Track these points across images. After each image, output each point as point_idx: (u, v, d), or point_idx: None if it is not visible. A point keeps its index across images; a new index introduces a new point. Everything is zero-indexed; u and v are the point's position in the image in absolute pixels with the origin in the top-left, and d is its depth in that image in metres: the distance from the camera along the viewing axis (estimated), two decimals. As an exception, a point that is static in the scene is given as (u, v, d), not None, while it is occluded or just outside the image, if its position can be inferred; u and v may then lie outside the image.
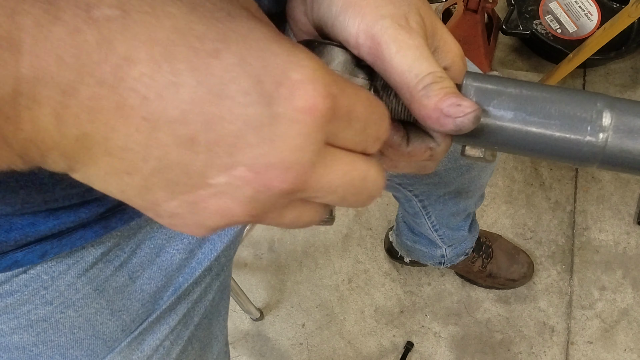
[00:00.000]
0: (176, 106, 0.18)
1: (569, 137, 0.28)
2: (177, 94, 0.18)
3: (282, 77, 0.19)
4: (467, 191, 0.86)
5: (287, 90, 0.20)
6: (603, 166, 0.28)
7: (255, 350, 1.29)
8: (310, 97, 0.20)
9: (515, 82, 0.29)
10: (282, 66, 0.20)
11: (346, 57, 0.31)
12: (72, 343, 0.46)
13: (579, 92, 0.28)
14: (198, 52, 0.19)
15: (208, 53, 0.19)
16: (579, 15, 1.45)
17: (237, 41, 0.19)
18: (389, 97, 0.31)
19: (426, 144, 0.32)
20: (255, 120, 0.19)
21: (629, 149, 0.27)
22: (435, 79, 0.27)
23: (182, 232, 0.22)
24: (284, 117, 0.19)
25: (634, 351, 1.27)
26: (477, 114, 0.27)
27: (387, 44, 0.28)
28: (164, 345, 0.50)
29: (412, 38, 0.28)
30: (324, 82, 0.20)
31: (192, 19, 0.19)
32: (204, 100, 0.19)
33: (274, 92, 0.19)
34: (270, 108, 0.19)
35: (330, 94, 0.20)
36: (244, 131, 0.19)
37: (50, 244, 0.39)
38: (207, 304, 0.54)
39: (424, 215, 0.97)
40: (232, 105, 0.19)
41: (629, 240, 1.35)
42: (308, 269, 1.34)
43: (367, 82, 0.31)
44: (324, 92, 0.20)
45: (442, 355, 1.28)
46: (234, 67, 0.19)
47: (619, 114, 0.27)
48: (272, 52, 0.20)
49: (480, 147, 0.30)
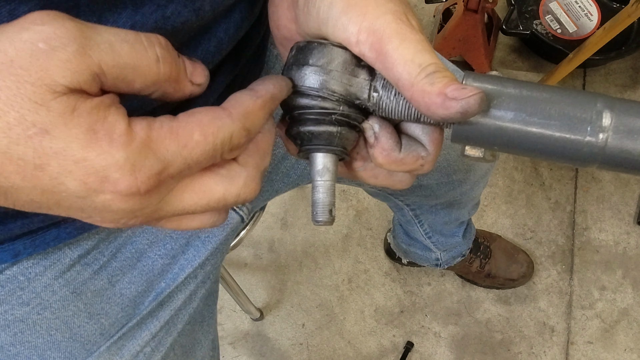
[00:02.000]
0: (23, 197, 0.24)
1: (569, 138, 0.27)
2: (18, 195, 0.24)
3: (104, 176, 0.23)
4: (459, 202, 0.86)
5: (110, 184, 0.23)
6: (603, 167, 0.28)
7: (255, 350, 1.29)
8: (132, 187, 0.24)
9: (515, 82, 0.29)
10: (102, 169, 0.23)
11: (346, 57, 0.31)
12: (50, 345, 0.45)
13: (579, 93, 0.28)
14: (25, 172, 0.23)
15: (34, 168, 0.23)
16: (579, 15, 1.45)
17: (56, 158, 0.22)
18: (389, 97, 0.31)
19: (418, 153, 0.32)
20: (86, 208, 0.24)
21: (628, 149, 0.27)
22: (438, 69, 0.28)
23: None
24: (110, 201, 0.24)
25: (634, 351, 1.27)
26: (482, 96, 0.27)
27: (390, 38, 0.28)
28: (144, 352, 0.50)
29: (413, 33, 0.29)
30: (142, 170, 0.24)
31: (11, 147, 0.22)
32: (45, 192, 0.23)
33: (99, 187, 0.23)
34: (97, 197, 0.24)
35: (153, 176, 0.24)
36: (77, 212, 0.25)
37: (23, 243, 0.39)
38: (191, 311, 0.53)
39: (416, 223, 0.96)
40: (66, 197, 0.24)
41: (629, 240, 1.35)
42: (308, 269, 1.34)
43: (367, 82, 0.31)
44: (144, 178, 0.24)
45: (442, 355, 1.28)
46: (59, 176, 0.23)
47: (619, 114, 0.27)
48: (90, 160, 0.23)
49: (480, 147, 0.30)
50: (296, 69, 0.31)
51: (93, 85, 0.23)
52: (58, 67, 0.22)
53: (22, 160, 0.22)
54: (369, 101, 0.32)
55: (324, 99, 0.31)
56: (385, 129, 0.32)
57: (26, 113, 0.22)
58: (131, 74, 0.24)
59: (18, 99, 0.21)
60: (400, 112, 0.32)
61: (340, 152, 0.33)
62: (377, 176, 0.34)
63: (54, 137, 0.22)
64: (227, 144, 0.26)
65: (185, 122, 0.25)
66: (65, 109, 0.22)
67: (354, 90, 0.31)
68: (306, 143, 0.33)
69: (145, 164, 0.23)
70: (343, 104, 0.31)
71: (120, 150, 0.23)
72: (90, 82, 0.23)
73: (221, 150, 0.26)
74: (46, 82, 0.22)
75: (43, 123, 0.22)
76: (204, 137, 0.25)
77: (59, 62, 0.22)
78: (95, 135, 0.23)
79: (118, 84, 0.24)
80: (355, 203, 1.39)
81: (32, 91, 0.22)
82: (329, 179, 0.32)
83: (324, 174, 0.32)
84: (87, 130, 0.22)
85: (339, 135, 0.32)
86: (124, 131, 0.23)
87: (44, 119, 0.22)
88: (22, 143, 0.22)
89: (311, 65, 0.31)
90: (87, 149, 0.22)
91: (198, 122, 0.25)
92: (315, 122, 0.32)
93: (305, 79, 0.31)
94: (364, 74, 0.31)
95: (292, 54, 0.32)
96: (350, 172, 0.35)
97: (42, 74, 0.22)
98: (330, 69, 0.31)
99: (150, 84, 0.25)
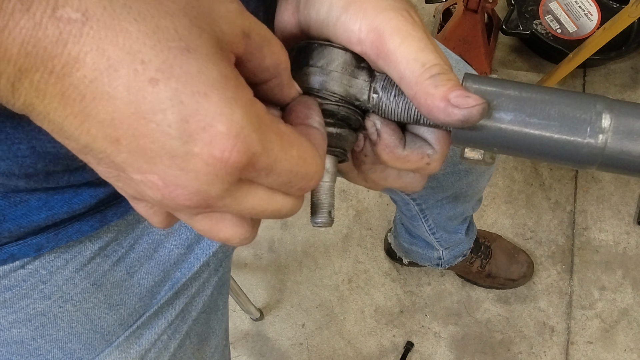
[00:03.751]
0: (107, 112, 0.21)
1: (568, 139, 0.27)
2: (109, 103, 0.21)
3: (207, 124, 0.21)
4: (464, 195, 0.86)
5: (208, 136, 0.21)
6: (602, 168, 0.28)
7: (255, 350, 1.29)
8: (226, 150, 0.22)
9: (514, 84, 0.29)
10: (212, 115, 0.21)
11: (346, 58, 0.31)
12: (71, 337, 0.46)
13: (578, 94, 0.28)
14: (137, 75, 0.21)
15: (146, 79, 0.21)
16: (579, 15, 1.45)
17: (178, 77, 0.21)
18: (389, 98, 0.31)
19: (423, 151, 0.32)
20: (171, 150, 0.21)
21: (628, 150, 0.27)
22: (443, 70, 0.28)
23: None
24: (198, 156, 0.22)
25: (634, 351, 1.27)
26: (485, 107, 0.27)
27: (391, 35, 0.28)
28: (161, 340, 0.51)
29: (415, 30, 0.28)
30: (246, 140, 0.22)
31: (145, 42, 0.21)
32: (131, 117, 0.21)
33: (195, 134, 0.21)
34: (186, 145, 0.21)
35: (248, 152, 0.22)
36: (161, 153, 0.22)
37: (46, 237, 0.39)
38: (205, 299, 0.54)
39: (421, 218, 0.97)
40: (154, 130, 0.21)
41: (629, 240, 1.35)
42: (308, 269, 1.34)
43: (367, 83, 0.31)
44: (242, 149, 0.22)
45: (442, 355, 1.28)
46: (165, 100, 0.21)
47: (618, 115, 0.27)
48: (209, 99, 0.21)
49: (480, 149, 0.30)
50: (296, 69, 0.31)
51: (240, 44, 0.24)
52: (221, 13, 0.23)
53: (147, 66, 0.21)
54: (369, 102, 0.32)
55: (324, 100, 0.31)
56: (387, 126, 0.32)
57: (179, 27, 0.21)
58: (267, 47, 0.25)
59: (178, 19, 0.21)
60: (400, 114, 0.31)
61: (340, 154, 0.32)
62: (386, 178, 0.34)
63: (192, 59, 0.21)
64: (302, 179, 0.25)
65: (292, 134, 0.25)
66: (215, 46, 0.22)
67: (353, 92, 0.31)
68: None
69: (250, 138, 0.22)
70: (343, 104, 0.31)
71: (241, 108, 0.22)
72: (239, 39, 0.24)
73: (295, 182, 0.25)
74: (207, 21, 0.22)
75: (190, 41, 0.21)
76: (297, 159, 0.25)
77: (224, 10, 0.23)
78: (226, 82, 0.22)
79: (255, 53, 0.25)
80: (355, 203, 1.39)
81: (194, 19, 0.22)
82: (328, 180, 0.32)
83: (323, 175, 0.33)
84: (222, 74, 0.22)
85: (339, 136, 0.32)
86: (251, 95, 0.23)
87: (194, 40, 0.22)
88: (158, 49, 0.21)
89: (311, 66, 0.31)
90: (212, 88, 0.21)
91: (300, 143, 0.25)
92: None
93: (305, 79, 0.31)
94: (364, 75, 0.31)
95: (293, 55, 0.32)
96: (361, 175, 0.35)
97: (207, 14, 0.22)
98: (330, 70, 0.31)
99: (276, 65, 0.26)
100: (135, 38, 0.21)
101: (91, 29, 0.20)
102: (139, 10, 0.21)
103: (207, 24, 0.22)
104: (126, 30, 0.20)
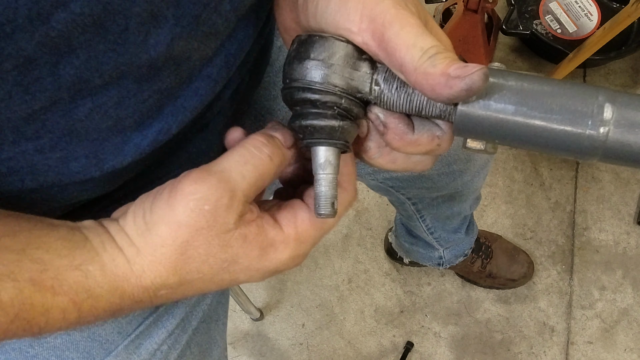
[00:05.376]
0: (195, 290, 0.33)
1: (570, 131, 0.28)
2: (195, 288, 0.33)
3: (275, 270, 0.34)
4: (460, 195, 0.86)
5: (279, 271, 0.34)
6: (604, 160, 0.28)
7: (255, 350, 1.29)
8: (293, 267, 0.35)
9: (517, 75, 0.29)
10: (275, 268, 0.34)
11: (347, 50, 0.31)
12: (68, 344, 0.46)
13: (581, 86, 0.28)
14: (222, 286, 0.33)
15: (229, 282, 0.33)
16: (579, 15, 1.45)
17: (243, 272, 0.33)
18: (390, 90, 0.32)
19: (433, 132, 0.32)
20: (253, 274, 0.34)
21: (629, 142, 0.27)
22: (440, 50, 0.28)
23: None
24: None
25: (634, 351, 1.27)
26: (485, 71, 0.27)
27: (390, 24, 0.29)
28: (161, 350, 0.50)
29: (412, 17, 0.29)
30: (298, 258, 0.34)
31: (215, 276, 0.32)
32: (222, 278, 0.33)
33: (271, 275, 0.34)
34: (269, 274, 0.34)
35: (303, 258, 0.35)
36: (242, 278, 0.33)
37: None
38: (205, 307, 0.54)
39: (418, 218, 0.96)
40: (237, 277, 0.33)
41: (629, 240, 1.35)
42: (308, 269, 1.34)
43: (368, 75, 0.32)
44: (299, 261, 0.34)
45: (442, 355, 1.27)
46: (245, 279, 0.33)
47: (620, 107, 0.27)
48: (266, 267, 0.33)
49: (482, 140, 0.30)
50: (298, 62, 0.31)
51: (246, 207, 0.31)
52: (224, 215, 0.30)
53: (222, 280, 0.32)
54: (371, 94, 0.32)
55: (326, 93, 0.31)
56: (391, 115, 0.32)
57: (218, 253, 0.31)
58: (260, 182, 0.32)
59: (213, 249, 0.30)
60: (402, 105, 0.32)
61: (342, 146, 0.33)
62: (395, 160, 0.35)
63: (239, 263, 0.32)
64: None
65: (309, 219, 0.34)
66: (241, 242, 0.31)
67: (355, 84, 0.31)
68: (308, 137, 0.33)
69: (300, 252, 0.33)
70: (345, 97, 0.31)
71: (283, 253, 0.33)
72: (244, 208, 0.31)
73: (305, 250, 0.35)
74: (222, 229, 0.30)
75: (232, 256, 0.31)
76: (318, 235, 0.34)
77: (223, 212, 0.30)
78: (265, 251, 0.32)
79: (256, 193, 0.32)
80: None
81: (217, 240, 0.30)
82: (331, 172, 0.33)
83: (326, 167, 0.33)
84: (260, 250, 0.32)
85: (341, 128, 0.32)
86: (282, 239, 0.32)
87: (231, 254, 0.31)
88: (221, 273, 0.32)
89: (313, 59, 0.31)
90: (262, 261, 0.32)
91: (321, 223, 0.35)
92: (317, 116, 0.32)
93: (307, 73, 0.31)
94: (366, 67, 0.31)
95: (294, 47, 0.32)
96: (369, 161, 0.35)
97: (218, 225, 0.30)
98: (332, 62, 0.31)
99: (273, 177, 0.33)
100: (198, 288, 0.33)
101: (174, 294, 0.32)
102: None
103: (224, 235, 0.31)
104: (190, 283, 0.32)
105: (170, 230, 0.29)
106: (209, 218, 0.30)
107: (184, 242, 0.30)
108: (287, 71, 0.32)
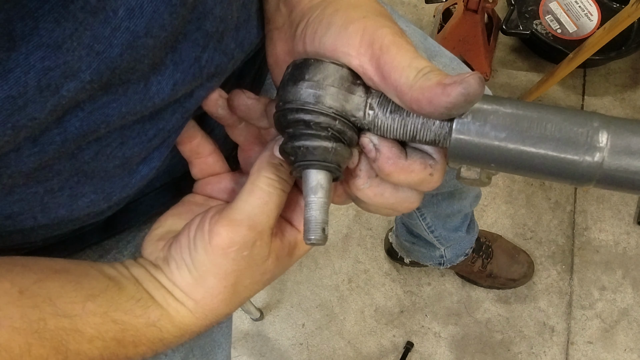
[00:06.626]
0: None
1: (565, 157, 0.27)
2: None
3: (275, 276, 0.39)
4: (460, 192, 0.86)
5: None
6: (600, 185, 0.28)
7: (255, 350, 1.29)
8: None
9: (510, 101, 0.29)
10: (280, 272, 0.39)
11: (342, 73, 0.31)
12: None
13: (575, 112, 0.28)
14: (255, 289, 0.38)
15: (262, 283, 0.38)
16: (579, 15, 1.45)
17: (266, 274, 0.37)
18: (385, 114, 0.31)
19: (425, 160, 0.32)
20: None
21: (625, 168, 0.27)
22: (434, 69, 0.29)
23: None
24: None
25: (634, 351, 1.27)
26: (480, 76, 0.27)
27: (388, 47, 0.30)
28: (165, 353, 0.50)
29: (408, 44, 0.30)
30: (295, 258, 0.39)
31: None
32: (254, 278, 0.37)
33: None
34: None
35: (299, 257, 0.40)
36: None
37: None
38: None
39: (418, 216, 0.96)
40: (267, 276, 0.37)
41: (629, 240, 1.35)
42: (308, 269, 1.34)
43: (362, 99, 0.31)
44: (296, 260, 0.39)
45: (442, 355, 1.28)
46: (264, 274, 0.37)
47: (615, 133, 0.27)
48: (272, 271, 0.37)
49: (476, 167, 0.30)
50: (292, 84, 0.31)
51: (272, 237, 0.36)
52: (260, 252, 0.34)
53: (263, 285, 0.37)
54: (365, 119, 0.31)
55: (320, 114, 0.30)
56: (384, 140, 0.32)
57: (260, 277, 0.36)
58: (279, 211, 0.35)
59: (256, 277, 0.36)
60: (396, 130, 0.31)
61: (335, 170, 0.32)
62: (383, 193, 0.34)
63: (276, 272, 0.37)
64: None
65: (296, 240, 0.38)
66: (275, 261, 0.36)
67: (349, 107, 0.31)
68: (300, 159, 0.32)
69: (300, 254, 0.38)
70: (339, 119, 0.31)
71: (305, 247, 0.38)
72: (272, 239, 0.35)
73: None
74: (260, 262, 0.35)
75: (271, 273, 0.37)
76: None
77: (259, 251, 0.34)
78: (291, 253, 0.37)
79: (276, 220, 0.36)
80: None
81: (257, 269, 0.35)
82: (322, 197, 0.32)
83: (317, 191, 0.32)
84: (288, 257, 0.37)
85: (334, 151, 0.31)
86: (287, 252, 0.37)
87: (270, 272, 0.36)
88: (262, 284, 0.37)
89: (307, 80, 0.31)
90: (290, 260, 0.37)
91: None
92: (310, 137, 0.31)
93: (301, 93, 0.31)
94: (360, 91, 0.31)
95: (289, 71, 0.32)
96: (355, 192, 0.35)
97: (257, 261, 0.35)
98: (327, 84, 0.30)
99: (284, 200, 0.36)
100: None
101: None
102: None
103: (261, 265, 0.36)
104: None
105: (219, 280, 0.34)
106: (249, 260, 0.34)
107: (233, 284, 0.34)
108: (281, 94, 0.32)
